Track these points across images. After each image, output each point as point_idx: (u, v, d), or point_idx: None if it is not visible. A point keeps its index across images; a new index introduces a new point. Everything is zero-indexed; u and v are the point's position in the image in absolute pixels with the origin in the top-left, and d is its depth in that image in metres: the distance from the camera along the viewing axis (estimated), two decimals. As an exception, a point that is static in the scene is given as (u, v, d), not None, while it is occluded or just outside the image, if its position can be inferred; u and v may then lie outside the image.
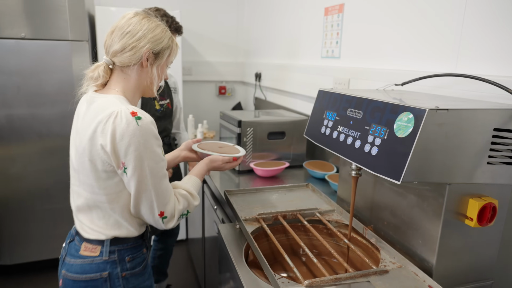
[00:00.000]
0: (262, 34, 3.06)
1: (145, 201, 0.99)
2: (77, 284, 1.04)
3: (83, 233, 1.05)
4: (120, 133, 0.92)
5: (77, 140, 1.01)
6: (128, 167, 0.95)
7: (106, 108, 0.96)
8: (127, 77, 1.04)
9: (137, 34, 1.00)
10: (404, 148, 0.80)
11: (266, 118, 2.10)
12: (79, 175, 1.02)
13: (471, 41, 1.22)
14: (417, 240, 0.96)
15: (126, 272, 1.06)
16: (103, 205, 1.01)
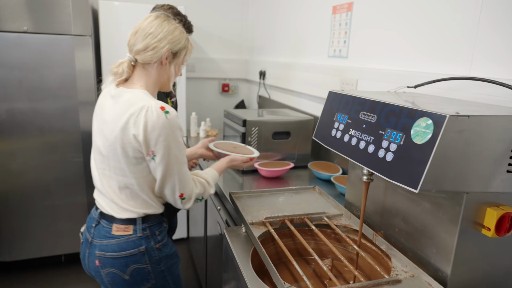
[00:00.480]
0: (267, 32, 3.02)
1: (169, 184, 1.13)
2: (117, 261, 1.17)
3: (114, 214, 1.17)
4: (151, 125, 1.05)
5: (105, 129, 1.12)
6: (157, 155, 1.08)
7: (137, 102, 1.07)
8: (148, 73, 1.16)
9: (158, 35, 1.12)
10: (422, 155, 0.76)
11: (271, 118, 2.06)
12: (109, 161, 1.13)
13: (487, 43, 1.18)
14: (431, 249, 0.93)
15: (158, 244, 1.22)
16: (133, 186, 1.14)
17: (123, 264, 1.18)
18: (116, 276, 1.19)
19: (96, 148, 1.18)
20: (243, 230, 1.21)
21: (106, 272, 1.20)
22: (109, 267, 1.19)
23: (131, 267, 1.18)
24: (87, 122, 2.48)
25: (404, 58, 1.52)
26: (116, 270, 1.18)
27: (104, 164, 1.16)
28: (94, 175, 1.24)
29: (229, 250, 1.15)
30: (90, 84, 2.44)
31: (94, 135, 1.21)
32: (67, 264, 2.70)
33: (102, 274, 1.21)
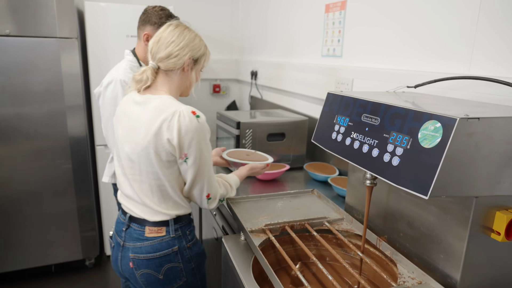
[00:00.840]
0: (258, 31, 2.98)
1: (199, 185, 1.18)
2: (152, 262, 1.21)
3: (147, 217, 1.20)
4: (184, 129, 1.10)
5: (135, 136, 1.16)
6: (190, 158, 1.13)
7: (168, 107, 1.12)
8: (171, 79, 1.21)
9: (180, 43, 1.17)
10: (431, 160, 0.73)
11: (265, 119, 2.02)
12: (141, 166, 1.16)
13: (486, 41, 1.16)
14: (439, 254, 0.91)
15: (189, 243, 1.26)
16: (166, 189, 1.17)
17: (157, 264, 1.22)
18: (151, 276, 1.23)
19: (125, 154, 1.21)
20: (242, 238, 1.17)
21: (141, 273, 1.23)
22: (143, 268, 1.23)
23: (165, 266, 1.22)
24: (75, 127, 2.41)
25: (401, 57, 1.50)
26: (150, 270, 1.22)
27: (134, 169, 1.19)
28: (122, 181, 1.26)
29: (228, 259, 1.11)
30: (77, 87, 2.37)
31: (120, 142, 1.23)
32: (57, 274, 2.62)
33: (137, 275, 1.24)
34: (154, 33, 1.82)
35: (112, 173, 1.98)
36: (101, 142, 2.57)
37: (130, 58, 1.86)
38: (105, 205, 2.69)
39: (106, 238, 2.78)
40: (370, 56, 1.68)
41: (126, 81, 1.73)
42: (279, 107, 2.65)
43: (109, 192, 2.64)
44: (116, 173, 1.28)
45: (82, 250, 2.62)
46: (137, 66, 1.85)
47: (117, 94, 1.72)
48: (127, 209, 1.26)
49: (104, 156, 2.57)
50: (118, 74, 1.75)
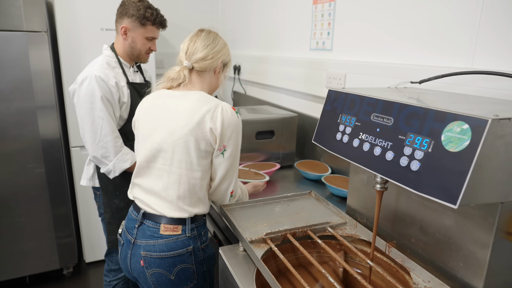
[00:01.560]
0: (240, 24, 2.87)
1: (228, 179, 1.23)
2: (164, 261, 1.18)
3: (166, 212, 1.18)
4: (227, 121, 1.15)
5: (170, 125, 1.17)
6: (227, 150, 1.18)
7: (211, 100, 1.18)
8: (203, 79, 1.27)
9: (216, 47, 1.25)
10: (459, 166, 0.67)
11: (254, 116, 1.93)
12: (174, 155, 1.16)
13: (490, 34, 1.11)
14: (457, 262, 0.85)
15: (203, 244, 1.24)
16: (196, 181, 1.18)
17: (170, 264, 1.19)
18: (162, 276, 1.20)
19: (154, 145, 1.20)
20: (241, 249, 1.09)
21: (152, 273, 1.20)
22: (155, 268, 1.19)
23: (178, 267, 1.20)
24: (48, 128, 2.24)
25: (397, 51, 1.44)
26: (162, 270, 1.19)
27: (165, 159, 1.18)
28: (143, 173, 1.25)
29: (228, 273, 1.02)
30: (48, 85, 2.19)
31: (148, 134, 1.23)
32: (32, 286, 2.46)
33: (147, 274, 1.21)
34: (132, 26, 1.70)
35: (91, 176, 1.85)
36: (77, 144, 2.41)
37: (107, 53, 1.72)
38: (82, 210, 2.53)
39: (85, 244, 2.63)
40: (363, 49, 1.62)
41: (102, 77, 1.60)
42: (265, 102, 2.56)
43: (87, 196, 2.48)
44: (137, 166, 1.27)
45: (59, 259, 2.46)
46: (115, 61, 1.72)
47: (93, 91, 1.59)
48: (143, 204, 1.24)
49: (80, 158, 2.41)
50: (94, 70, 1.62)
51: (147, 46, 1.77)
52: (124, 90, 1.70)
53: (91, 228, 2.58)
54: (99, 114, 1.61)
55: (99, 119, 1.61)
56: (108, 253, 1.95)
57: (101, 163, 1.68)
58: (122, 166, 1.67)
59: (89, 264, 2.71)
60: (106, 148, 1.64)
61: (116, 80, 1.65)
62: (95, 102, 1.60)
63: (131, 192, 1.32)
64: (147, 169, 1.23)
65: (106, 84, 1.60)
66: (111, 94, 1.63)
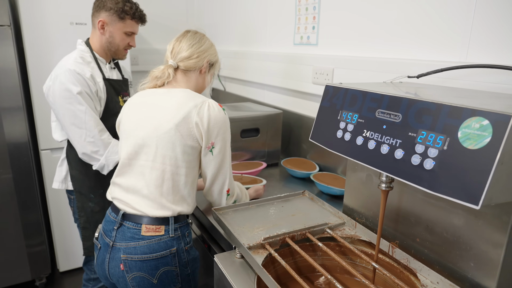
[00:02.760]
0: (217, 19, 2.78)
1: (221, 178, 1.21)
2: (146, 264, 1.13)
3: (148, 211, 1.14)
4: (214, 117, 1.13)
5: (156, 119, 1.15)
6: (216, 147, 1.16)
7: (197, 96, 1.17)
8: (188, 79, 1.26)
9: (201, 47, 1.26)
10: (480, 164, 0.63)
11: (238, 114, 1.87)
12: (157, 150, 1.14)
13: (484, 28, 1.10)
14: (467, 262, 0.83)
15: (187, 246, 1.20)
16: (180, 177, 1.15)
17: (152, 267, 1.14)
18: (144, 281, 1.14)
19: (137, 140, 1.17)
20: (237, 256, 1.02)
21: (133, 277, 1.15)
22: (136, 271, 1.14)
23: (160, 270, 1.15)
24: (14, 131, 2.08)
25: (388, 45, 1.41)
26: (144, 274, 1.14)
27: (148, 155, 1.15)
28: (125, 171, 1.21)
29: (226, 283, 0.96)
30: (13, 84, 2.03)
31: (132, 130, 1.20)
32: (2, 299, 2.29)
33: (128, 279, 1.15)
34: (110, 20, 1.59)
35: (63, 178, 1.73)
36: (47, 146, 2.25)
37: (82, 48, 1.61)
38: (55, 216, 2.38)
39: (58, 252, 2.48)
40: (351, 44, 1.58)
41: (77, 70, 1.50)
42: (246, 99, 2.49)
43: (59, 200, 2.33)
44: (119, 165, 1.22)
45: (30, 269, 2.30)
46: (90, 56, 1.61)
47: (69, 86, 1.49)
48: (122, 204, 1.19)
49: (51, 162, 2.26)
50: (67, 64, 1.52)
51: (125, 42, 1.67)
52: (101, 85, 1.60)
53: (65, 235, 2.43)
54: (80, 108, 1.51)
55: (81, 114, 1.51)
56: (86, 262, 1.84)
57: (92, 159, 1.58)
58: (115, 158, 1.59)
59: (64, 273, 2.55)
60: (94, 143, 1.55)
61: (91, 73, 1.55)
62: (72, 97, 1.49)
63: (110, 193, 1.26)
64: (129, 167, 1.20)
65: (82, 77, 1.51)
66: (88, 88, 1.53)
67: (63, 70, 1.50)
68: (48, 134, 1.64)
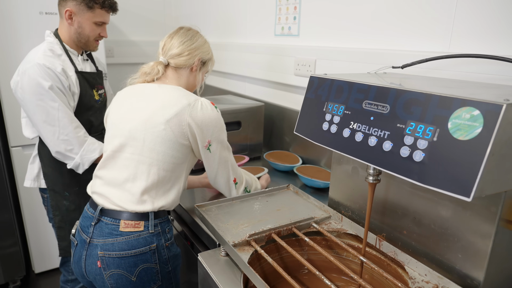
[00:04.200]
0: (195, 9, 2.71)
1: (224, 171, 1.21)
2: (124, 260, 1.10)
3: (127, 206, 1.11)
4: (208, 117, 1.13)
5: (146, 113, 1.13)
6: (212, 144, 1.16)
7: (189, 94, 1.16)
8: (179, 76, 1.25)
9: (193, 44, 1.24)
10: (471, 155, 0.62)
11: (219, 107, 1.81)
12: (145, 143, 1.11)
13: (467, 16, 1.09)
14: (455, 254, 0.82)
15: (168, 242, 1.17)
16: (166, 173, 1.13)
17: (131, 264, 1.11)
18: (122, 278, 1.11)
19: (123, 132, 1.15)
20: (222, 254, 0.99)
21: (110, 274, 1.11)
22: (114, 268, 1.10)
23: (139, 267, 1.12)
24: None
25: (371, 35, 1.39)
26: (122, 271, 1.11)
27: (134, 148, 1.13)
28: (106, 164, 1.18)
29: (211, 282, 0.92)
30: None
31: (120, 122, 1.18)
32: (-27, 304, 2.18)
33: (105, 276, 1.12)
34: (78, 10, 1.51)
35: (35, 176, 1.65)
36: (17, 143, 2.14)
37: (50, 39, 1.52)
38: (28, 215, 2.28)
39: (33, 253, 2.38)
40: (334, 34, 1.56)
41: (47, 65, 1.42)
42: (226, 92, 2.45)
43: (32, 199, 2.23)
44: (103, 158, 1.19)
45: (3, 272, 2.20)
46: (60, 48, 1.52)
47: (39, 81, 1.41)
48: (101, 199, 1.15)
49: (23, 159, 2.15)
50: (36, 58, 1.43)
51: (96, 32, 1.58)
52: (73, 79, 1.51)
53: (39, 235, 2.33)
54: (52, 105, 1.42)
55: (53, 110, 1.43)
56: (63, 263, 1.77)
57: (67, 157, 1.51)
58: (90, 157, 1.52)
59: (39, 274, 2.46)
60: (68, 141, 1.47)
61: (62, 67, 1.46)
62: (44, 92, 1.41)
63: (91, 187, 1.23)
64: (113, 160, 1.17)
65: (53, 71, 1.42)
66: (60, 82, 1.45)
67: (31, 65, 1.41)
68: (18, 130, 1.55)
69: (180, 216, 1.47)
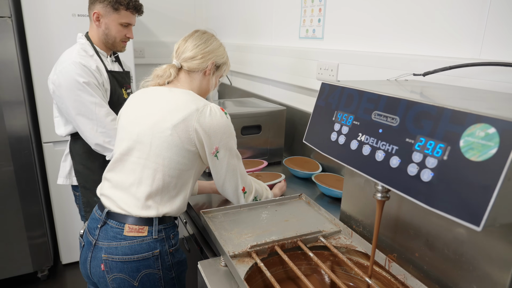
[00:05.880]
0: (224, 11, 2.70)
1: (233, 179, 1.17)
2: (127, 265, 1.09)
3: (132, 210, 1.10)
4: (216, 123, 1.10)
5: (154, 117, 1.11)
6: (220, 151, 1.13)
7: (199, 99, 1.13)
8: (192, 79, 1.22)
9: (207, 48, 1.21)
10: (484, 178, 0.55)
11: (239, 110, 1.79)
12: (151, 148, 1.10)
13: (501, 22, 0.99)
14: (470, 284, 0.74)
15: (172, 248, 1.16)
16: (172, 179, 1.11)
17: (133, 269, 1.10)
18: (124, 282, 1.10)
19: (131, 136, 1.14)
20: (222, 264, 0.96)
21: (113, 278, 1.11)
22: (117, 272, 1.10)
23: (142, 272, 1.11)
24: (15, 125, 2.07)
25: (396, 39, 1.31)
26: (125, 275, 1.10)
27: (141, 152, 1.12)
28: (115, 167, 1.17)
29: (207, 294, 0.90)
30: (14, 78, 2.01)
31: (129, 125, 1.17)
32: (4, 291, 2.30)
33: (108, 280, 1.11)
34: (105, 12, 1.54)
35: (67, 173, 1.71)
36: (49, 139, 2.24)
37: (82, 41, 1.60)
38: (58, 209, 2.37)
39: (61, 245, 2.47)
40: (358, 38, 1.49)
41: (83, 62, 1.49)
42: (251, 94, 2.42)
43: (62, 193, 2.32)
44: (112, 160, 1.19)
45: (32, 261, 2.31)
46: (91, 49, 1.58)
47: (75, 78, 1.47)
48: (108, 202, 1.15)
49: (54, 155, 2.24)
50: (72, 57, 1.50)
51: (122, 33, 1.62)
52: (105, 76, 1.59)
53: (68, 228, 2.42)
54: (89, 99, 1.49)
55: (90, 105, 1.50)
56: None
57: (106, 150, 1.57)
58: None
59: (66, 265, 2.56)
60: (106, 133, 1.54)
61: (96, 65, 1.53)
62: (81, 88, 1.48)
63: (99, 189, 1.24)
64: (120, 163, 1.16)
65: (88, 69, 1.50)
66: (95, 79, 1.52)
67: (68, 63, 1.48)
68: (51, 126, 1.61)
69: (192, 219, 1.46)
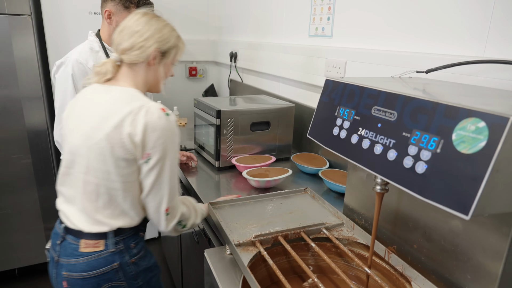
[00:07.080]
0: (236, 9, 2.74)
1: (158, 194, 1.03)
2: (87, 281, 1.04)
3: (83, 227, 1.03)
4: (152, 126, 0.97)
5: (87, 127, 1.01)
6: (152, 158, 0.99)
7: (134, 100, 1.00)
8: (135, 73, 1.08)
9: (145, 34, 1.04)
10: (473, 170, 0.57)
11: (248, 106, 1.83)
12: (90, 162, 1.01)
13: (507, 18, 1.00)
14: (464, 274, 0.76)
15: (134, 258, 1.08)
16: (117, 192, 1.02)
17: (94, 284, 1.05)
18: None
19: (71, 148, 1.05)
20: (228, 252, 1.00)
21: None
22: None
23: (103, 286, 1.06)
24: (34, 119, 2.15)
25: (402, 37, 1.33)
26: None
27: (80, 166, 1.03)
28: (64, 180, 1.09)
29: (212, 279, 0.94)
30: (34, 74, 2.09)
31: (69, 134, 1.07)
32: (22, 278, 2.40)
33: None
34: (116, 10, 1.60)
35: None
36: (65, 133, 2.32)
37: (91, 38, 1.64)
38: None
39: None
40: (365, 36, 1.51)
41: (80, 60, 1.55)
42: (262, 92, 2.46)
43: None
44: (61, 171, 1.09)
45: (48, 251, 2.39)
46: (99, 45, 1.63)
47: (68, 76, 1.54)
48: (64, 217, 1.08)
49: (70, 149, 2.32)
50: (73, 54, 1.58)
51: None
52: None
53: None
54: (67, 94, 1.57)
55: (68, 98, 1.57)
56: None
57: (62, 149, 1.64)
58: None
59: (81, 256, 2.64)
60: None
61: (94, 63, 1.58)
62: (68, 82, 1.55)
63: (57, 202, 1.15)
64: (68, 176, 1.08)
65: (84, 67, 1.55)
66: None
67: (66, 61, 1.57)
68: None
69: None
